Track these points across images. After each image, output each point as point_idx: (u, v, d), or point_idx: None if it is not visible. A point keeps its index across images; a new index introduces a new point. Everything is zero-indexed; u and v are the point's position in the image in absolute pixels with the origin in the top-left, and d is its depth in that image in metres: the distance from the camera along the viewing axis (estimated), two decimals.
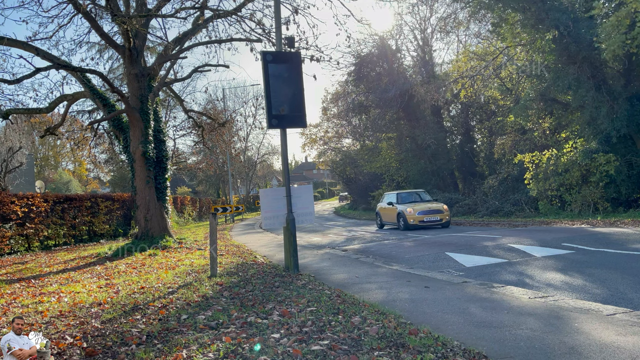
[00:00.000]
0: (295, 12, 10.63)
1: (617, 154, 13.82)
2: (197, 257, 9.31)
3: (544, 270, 6.00)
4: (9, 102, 12.49)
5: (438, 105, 23.43)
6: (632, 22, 11.67)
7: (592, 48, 13.32)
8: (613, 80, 14.23)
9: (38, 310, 5.02)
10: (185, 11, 12.16)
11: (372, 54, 24.76)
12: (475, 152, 24.99)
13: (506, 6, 14.59)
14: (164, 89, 15.52)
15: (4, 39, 10.25)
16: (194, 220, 31.22)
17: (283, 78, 6.83)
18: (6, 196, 13.44)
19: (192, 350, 3.20)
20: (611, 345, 2.82)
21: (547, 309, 3.81)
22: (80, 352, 3.38)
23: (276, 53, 6.91)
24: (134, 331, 3.84)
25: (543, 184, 15.75)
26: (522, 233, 11.04)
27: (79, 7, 10.19)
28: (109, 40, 11.81)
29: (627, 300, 4.20)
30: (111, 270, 8.28)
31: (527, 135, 19.81)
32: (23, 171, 26.68)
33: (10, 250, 13.00)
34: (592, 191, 14.27)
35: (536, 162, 16.21)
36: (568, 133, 16.92)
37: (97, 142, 18.61)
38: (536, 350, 2.85)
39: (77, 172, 48.16)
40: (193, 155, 38.25)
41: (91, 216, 16.75)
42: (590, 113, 13.98)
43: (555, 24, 13.42)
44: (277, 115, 6.69)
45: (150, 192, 12.57)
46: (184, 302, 4.92)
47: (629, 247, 7.34)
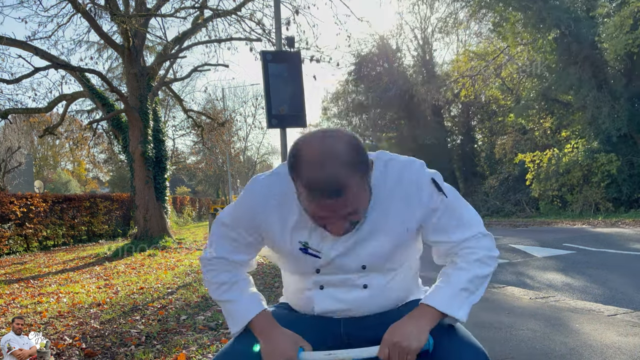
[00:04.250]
0: (295, 12, 10.62)
1: (618, 154, 13.80)
2: (197, 258, 9.29)
3: (544, 271, 5.98)
4: (7, 102, 12.49)
5: (439, 105, 23.41)
6: (635, 21, 11.66)
7: (593, 48, 13.31)
8: (614, 80, 14.21)
9: (37, 311, 5.00)
10: (184, 11, 12.15)
11: (372, 54, 24.74)
12: (476, 152, 24.97)
13: (507, 5, 14.57)
14: (163, 89, 15.49)
15: (3, 38, 10.22)
16: (193, 220, 31.20)
17: (283, 78, 6.79)
18: (5, 196, 13.42)
19: (191, 351, 3.18)
20: (612, 346, 2.80)
21: (548, 309, 3.79)
22: (79, 353, 3.35)
23: (276, 52, 6.89)
24: (133, 332, 3.82)
25: (544, 184, 15.73)
26: (523, 233, 11.02)
27: (78, 7, 10.16)
28: (108, 39, 11.78)
29: (628, 301, 4.18)
30: (110, 270, 8.26)
31: (528, 135, 19.79)
32: (22, 171, 26.67)
33: (9, 250, 12.98)
34: (593, 191, 14.25)
35: (537, 162, 16.19)
36: (569, 133, 16.90)
37: (96, 141, 18.60)
38: (537, 351, 2.83)
39: (76, 172, 48.15)
40: (192, 155, 38.25)
41: (90, 216, 16.73)
42: (592, 113, 13.96)
43: (557, 24, 13.40)
44: (277, 115, 6.66)
45: (150, 192, 12.54)
46: (183, 303, 4.90)
47: (631, 248, 7.32)
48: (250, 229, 1.36)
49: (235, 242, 1.40)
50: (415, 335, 1.21)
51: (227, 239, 1.40)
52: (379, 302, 1.39)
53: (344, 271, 1.34)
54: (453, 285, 1.28)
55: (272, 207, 1.32)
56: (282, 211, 1.31)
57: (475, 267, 1.30)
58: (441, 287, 1.30)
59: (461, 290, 1.27)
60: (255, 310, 1.34)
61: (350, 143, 1.15)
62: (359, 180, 1.14)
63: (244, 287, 1.41)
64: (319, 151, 1.13)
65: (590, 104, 13.90)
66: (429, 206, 1.30)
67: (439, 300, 1.26)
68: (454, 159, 24.68)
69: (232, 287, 1.39)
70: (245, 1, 12.29)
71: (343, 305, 1.38)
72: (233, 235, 1.39)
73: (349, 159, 1.12)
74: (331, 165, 1.10)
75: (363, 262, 1.33)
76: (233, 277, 1.40)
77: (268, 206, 1.32)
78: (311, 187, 1.12)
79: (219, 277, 1.40)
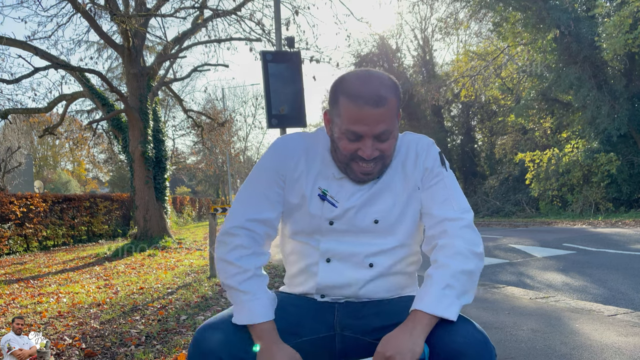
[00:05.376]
0: (295, 12, 10.62)
1: (618, 154, 13.81)
2: (197, 258, 9.29)
3: (544, 271, 5.98)
4: (7, 102, 12.48)
5: (439, 105, 23.42)
6: (635, 21, 11.66)
7: (593, 48, 13.32)
8: (614, 80, 14.21)
9: (37, 311, 5.00)
10: (184, 10, 12.15)
11: (372, 54, 24.75)
12: (476, 152, 24.98)
13: (507, 5, 14.58)
14: (163, 89, 15.50)
15: (3, 39, 10.22)
16: (193, 220, 31.19)
17: (283, 78, 6.79)
18: (5, 196, 13.41)
19: None
20: (612, 346, 2.80)
21: (548, 309, 3.78)
22: (79, 353, 3.35)
23: (276, 52, 6.88)
24: (132, 332, 3.82)
25: (544, 184, 15.73)
26: (523, 233, 11.02)
27: (78, 7, 10.16)
28: (108, 39, 11.78)
29: (628, 301, 4.18)
30: (110, 270, 8.26)
31: (528, 135, 19.81)
32: (22, 171, 26.64)
33: (9, 250, 12.98)
34: (593, 191, 14.26)
35: (537, 162, 16.19)
36: (569, 133, 16.90)
37: (96, 142, 18.58)
38: (537, 351, 2.83)
39: (76, 172, 48.14)
40: (192, 155, 38.23)
41: (90, 216, 16.72)
42: (592, 113, 13.97)
43: (557, 24, 13.40)
44: (277, 115, 6.65)
45: (150, 192, 12.54)
46: (183, 303, 4.90)
47: (631, 248, 7.32)
48: (275, 179, 1.40)
49: (259, 198, 1.39)
50: (410, 348, 1.16)
51: (252, 197, 1.40)
52: (382, 284, 1.40)
53: (356, 227, 1.38)
54: (436, 284, 1.25)
55: (298, 155, 1.41)
56: (307, 160, 1.40)
57: (457, 261, 1.26)
58: (426, 289, 1.27)
59: (445, 288, 1.23)
60: (265, 317, 1.30)
61: (391, 77, 1.31)
62: (395, 105, 1.28)
63: (263, 283, 1.37)
64: (364, 73, 1.29)
65: (590, 104, 13.91)
66: (429, 169, 1.39)
67: (426, 302, 1.23)
68: (454, 159, 24.68)
69: (252, 279, 1.34)
70: (245, 1, 12.29)
71: (346, 279, 1.38)
72: (258, 190, 1.40)
73: (390, 83, 1.29)
74: (375, 82, 1.26)
75: (375, 216, 1.37)
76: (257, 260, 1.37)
77: (294, 154, 1.41)
78: (355, 95, 1.24)
79: (242, 261, 1.34)
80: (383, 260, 1.39)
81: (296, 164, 1.39)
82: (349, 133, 1.27)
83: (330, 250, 1.39)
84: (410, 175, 1.39)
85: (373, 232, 1.38)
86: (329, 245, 1.39)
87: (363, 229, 1.38)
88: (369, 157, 1.27)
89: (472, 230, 1.33)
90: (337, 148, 1.32)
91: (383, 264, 1.39)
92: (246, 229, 1.37)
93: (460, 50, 24.91)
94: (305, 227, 1.42)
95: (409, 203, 1.39)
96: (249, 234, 1.37)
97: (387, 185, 1.38)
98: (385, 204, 1.37)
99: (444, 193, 1.37)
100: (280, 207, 1.43)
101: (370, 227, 1.38)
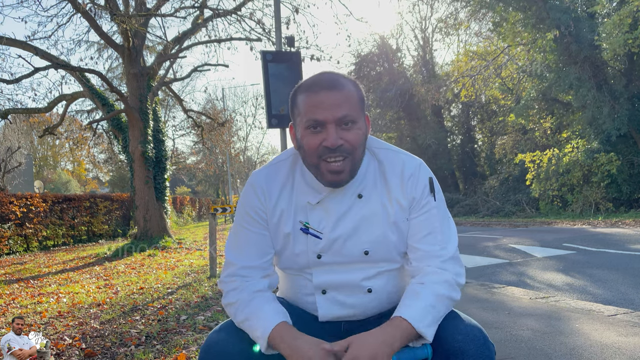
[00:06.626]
0: (295, 11, 10.62)
1: (618, 154, 13.81)
2: (197, 258, 9.30)
3: (544, 271, 5.98)
4: (7, 102, 12.48)
5: (439, 105, 23.43)
6: (634, 21, 11.65)
7: (593, 48, 13.31)
8: (614, 80, 14.21)
9: (37, 311, 5.00)
10: (184, 10, 12.16)
11: (373, 54, 24.75)
12: (476, 152, 24.97)
13: (507, 5, 14.58)
14: (163, 89, 15.50)
15: (3, 38, 10.23)
16: (193, 220, 31.20)
17: (283, 77, 6.79)
18: (5, 196, 13.41)
19: (191, 351, 3.18)
20: (612, 346, 2.80)
21: (548, 309, 3.78)
22: (79, 353, 3.35)
23: (276, 52, 6.88)
24: (133, 332, 3.82)
25: (544, 184, 15.73)
26: (523, 233, 11.02)
27: (78, 7, 10.16)
28: (108, 39, 11.78)
29: (628, 301, 4.18)
30: (110, 270, 8.26)
31: (528, 135, 19.80)
32: (22, 171, 26.63)
33: (9, 250, 12.98)
34: (593, 191, 14.25)
35: (537, 162, 16.19)
36: (569, 133, 16.90)
37: (96, 142, 18.58)
38: (537, 351, 2.83)
39: (76, 172, 48.14)
40: (192, 155, 38.24)
41: (90, 216, 16.73)
42: (592, 113, 13.96)
43: (556, 24, 13.40)
44: (277, 115, 6.65)
45: (150, 192, 12.54)
46: (183, 303, 4.89)
47: (631, 248, 7.32)
48: (258, 220, 1.37)
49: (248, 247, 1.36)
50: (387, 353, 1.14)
51: (242, 245, 1.37)
52: (383, 301, 1.40)
53: (345, 258, 1.34)
54: (423, 300, 1.22)
55: (275, 191, 1.37)
56: (281, 195, 1.37)
57: (444, 287, 1.26)
58: (412, 302, 1.24)
59: (430, 307, 1.21)
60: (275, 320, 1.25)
61: (350, 76, 1.33)
62: (355, 96, 1.28)
63: (266, 300, 1.31)
64: (319, 73, 1.32)
65: (590, 104, 13.90)
66: (416, 199, 1.34)
67: (412, 314, 1.20)
68: (454, 159, 24.68)
69: (253, 301, 1.31)
70: (245, 1, 12.30)
71: (347, 310, 1.38)
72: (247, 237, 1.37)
73: (348, 78, 1.31)
74: (331, 74, 1.29)
75: (365, 247, 1.33)
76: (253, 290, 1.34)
77: (270, 194, 1.37)
78: (310, 84, 1.27)
79: (240, 294, 1.32)
80: (381, 283, 1.37)
81: (274, 206, 1.35)
82: (310, 122, 1.24)
83: (324, 283, 1.36)
84: (395, 200, 1.33)
85: (365, 261, 1.35)
86: (321, 278, 1.36)
87: (353, 260, 1.34)
88: (334, 145, 1.22)
89: (456, 262, 1.32)
90: (305, 152, 1.27)
91: (381, 286, 1.38)
92: (240, 276, 1.35)
93: (460, 50, 24.92)
94: (294, 264, 1.39)
95: (397, 230, 1.34)
96: (243, 279, 1.35)
97: (373, 213, 1.33)
98: (373, 234, 1.32)
99: (428, 226, 1.32)
100: (271, 250, 1.39)
101: (360, 257, 1.34)
